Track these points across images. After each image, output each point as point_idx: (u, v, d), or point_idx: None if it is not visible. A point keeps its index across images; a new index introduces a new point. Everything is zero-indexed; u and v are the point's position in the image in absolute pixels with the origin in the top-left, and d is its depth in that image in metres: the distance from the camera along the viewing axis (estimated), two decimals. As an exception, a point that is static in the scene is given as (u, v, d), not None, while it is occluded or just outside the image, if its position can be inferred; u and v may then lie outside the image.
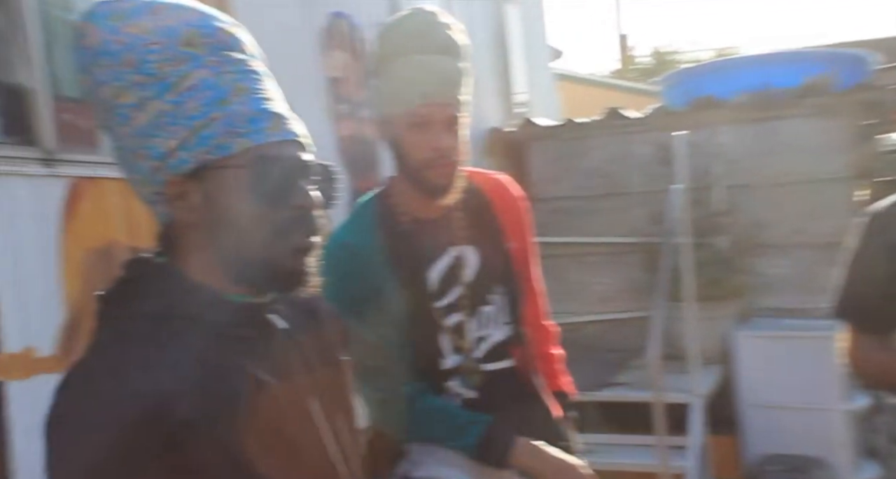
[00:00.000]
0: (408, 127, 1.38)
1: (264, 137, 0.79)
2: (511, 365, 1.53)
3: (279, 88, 0.86)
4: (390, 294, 1.41)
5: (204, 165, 0.78)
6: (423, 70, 1.37)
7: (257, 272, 0.80)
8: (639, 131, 4.31)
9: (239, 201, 0.78)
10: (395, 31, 1.43)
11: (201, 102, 0.78)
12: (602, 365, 3.82)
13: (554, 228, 4.48)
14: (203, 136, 0.78)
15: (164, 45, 0.78)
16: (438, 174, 1.39)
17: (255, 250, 0.79)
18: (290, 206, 0.80)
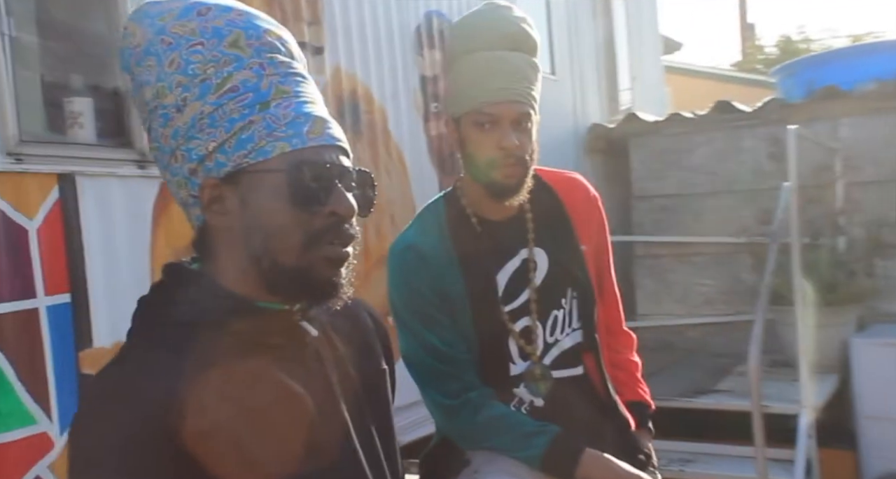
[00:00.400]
0: (474, 126, 1.35)
1: (303, 141, 0.77)
2: (582, 372, 1.47)
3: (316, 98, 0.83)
4: (458, 297, 1.39)
5: (241, 169, 0.76)
6: (489, 67, 1.33)
7: (290, 280, 0.78)
8: (750, 125, 4.09)
9: (274, 207, 0.76)
10: (464, 28, 1.40)
11: (242, 104, 0.76)
12: (704, 370, 3.66)
13: (656, 226, 4.34)
14: (242, 139, 0.76)
15: (209, 46, 0.76)
16: (505, 175, 1.35)
17: (289, 257, 0.77)
18: (326, 213, 0.78)
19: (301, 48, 2.41)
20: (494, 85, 1.33)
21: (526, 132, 1.36)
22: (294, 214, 0.76)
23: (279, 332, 0.81)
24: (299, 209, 0.76)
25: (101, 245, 1.65)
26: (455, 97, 1.39)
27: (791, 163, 3.01)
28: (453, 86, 1.40)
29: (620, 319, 1.63)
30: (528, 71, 1.36)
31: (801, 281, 2.98)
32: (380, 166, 2.65)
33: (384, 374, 0.95)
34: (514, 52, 1.35)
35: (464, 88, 1.36)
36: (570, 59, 4.55)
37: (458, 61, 1.38)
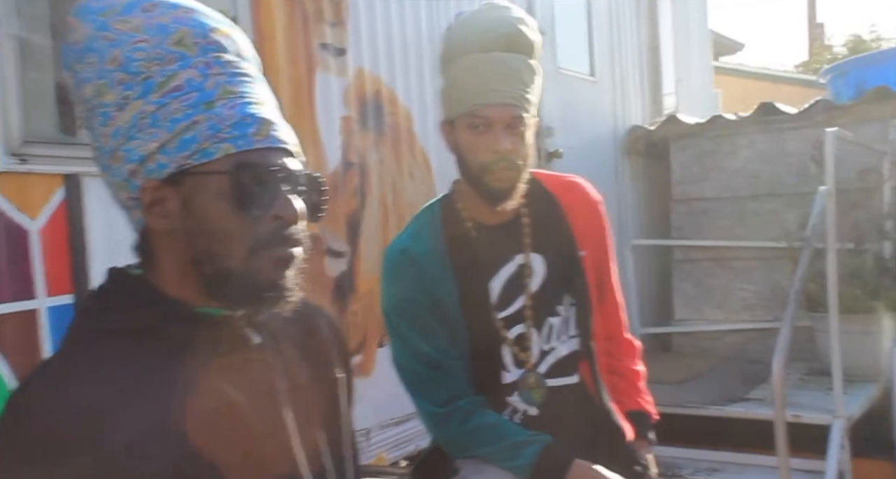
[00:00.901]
0: (467, 128, 1.33)
1: (249, 143, 0.75)
2: (577, 381, 1.45)
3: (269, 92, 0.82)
4: (450, 303, 1.37)
5: (184, 171, 0.74)
6: (484, 68, 1.31)
7: (234, 285, 0.75)
8: (794, 128, 3.99)
9: (218, 210, 0.74)
10: (461, 29, 1.37)
11: (186, 103, 0.74)
12: (739, 378, 3.58)
13: (695, 230, 4.26)
14: (185, 139, 0.74)
15: (153, 43, 0.74)
16: (498, 179, 1.33)
17: (234, 261, 0.74)
18: (271, 216, 0.75)
19: (322, 50, 2.46)
20: (488, 87, 1.30)
21: (520, 135, 1.33)
22: (238, 217, 0.74)
23: (219, 339, 0.78)
24: (244, 213, 0.74)
25: (105, 247, 1.67)
26: (449, 99, 1.38)
27: (829, 166, 2.93)
28: (448, 87, 1.38)
29: (622, 325, 1.59)
30: (523, 73, 1.33)
31: (837, 288, 2.89)
32: (403, 169, 2.69)
33: (339, 383, 0.93)
34: (510, 54, 1.32)
35: (458, 89, 1.34)
36: (612, 61, 4.51)
37: (453, 62, 1.36)
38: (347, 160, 2.44)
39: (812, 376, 3.48)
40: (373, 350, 2.57)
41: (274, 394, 0.81)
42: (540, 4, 3.68)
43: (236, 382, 0.78)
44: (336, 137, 2.39)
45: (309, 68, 2.29)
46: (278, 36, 2.16)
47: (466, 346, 1.38)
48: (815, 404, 3.02)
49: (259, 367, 0.81)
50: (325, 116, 2.34)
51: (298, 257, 0.79)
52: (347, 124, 2.44)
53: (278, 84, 2.16)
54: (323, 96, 2.34)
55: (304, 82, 2.27)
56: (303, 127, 2.26)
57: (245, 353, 0.80)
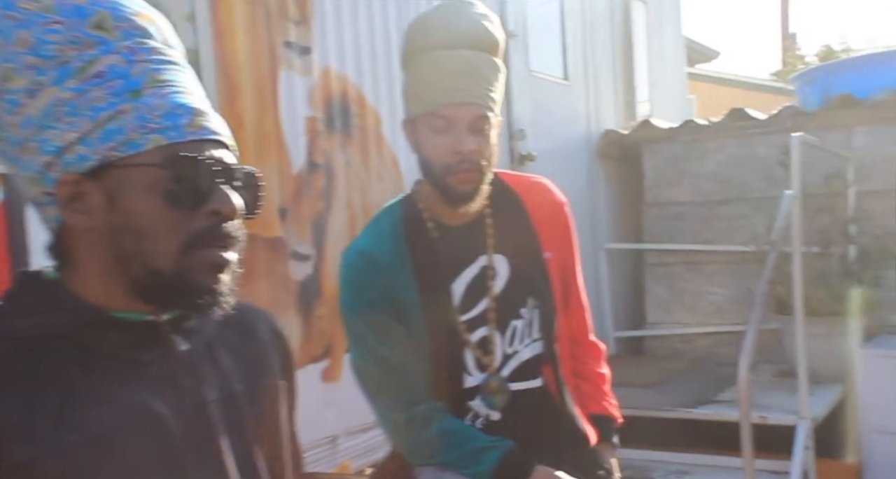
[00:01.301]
0: (430, 128, 1.30)
1: (181, 134, 0.70)
2: (540, 385, 1.42)
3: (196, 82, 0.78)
4: (411, 306, 1.34)
5: (108, 163, 0.69)
6: (447, 67, 1.27)
7: (164, 287, 0.70)
8: (764, 133, 4.03)
9: (149, 205, 0.69)
10: (423, 24, 1.34)
11: (109, 91, 0.69)
12: (710, 380, 3.60)
13: (668, 234, 4.29)
14: (109, 130, 0.68)
15: (69, 26, 0.68)
16: (461, 180, 1.30)
17: (164, 261, 0.70)
18: (207, 212, 0.71)
19: (286, 48, 2.44)
20: (451, 86, 1.27)
21: (483, 136, 1.30)
22: (171, 213, 0.70)
23: (141, 346, 0.73)
24: (178, 208, 0.70)
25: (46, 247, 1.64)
26: (411, 97, 1.35)
27: (795, 171, 2.96)
28: (410, 85, 1.35)
29: (587, 328, 1.57)
30: (487, 71, 1.31)
31: (803, 291, 2.92)
32: (371, 171, 2.67)
33: (279, 391, 0.87)
34: (473, 52, 1.29)
35: (420, 87, 1.32)
36: (585, 65, 4.53)
37: (415, 59, 1.33)
38: (313, 161, 2.42)
39: (780, 377, 3.51)
40: (340, 355, 2.55)
41: (203, 405, 0.76)
42: (513, 7, 3.69)
43: (160, 393, 0.73)
44: (301, 137, 2.37)
45: (272, 67, 2.26)
46: (239, 33, 2.13)
47: (427, 350, 1.36)
48: (781, 405, 3.04)
49: (186, 376, 0.76)
50: (290, 116, 2.32)
51: (234, 259, 0.74)
52: (313, 125, 2.42)
53: (239, 83, 2.13)
54: (287, 96, 2.31)
55: (267, 81, 2.24)
56: (266, 127, 2.23)
57: (171, 361, 0.75)
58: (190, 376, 0.76)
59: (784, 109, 4.08)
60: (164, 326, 0.75)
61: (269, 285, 2.23)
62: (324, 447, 2.44)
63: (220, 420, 0.77)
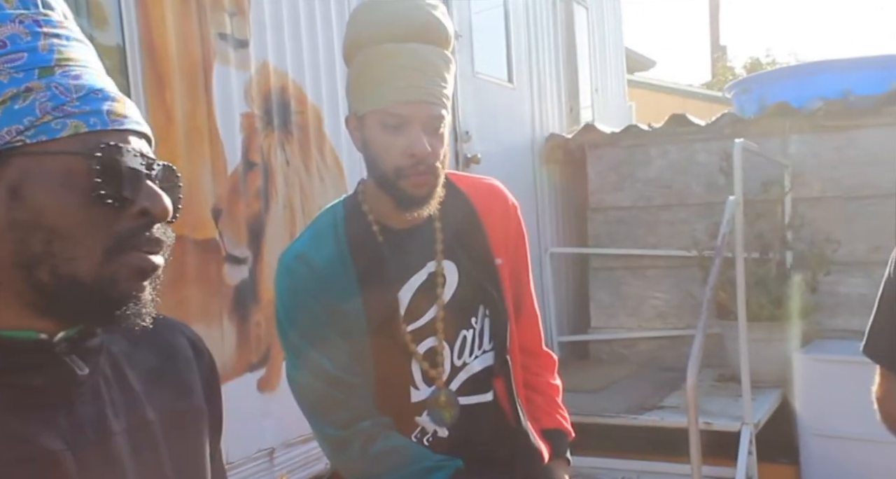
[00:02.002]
0: (381, 128, 1.20)
1: (103, 122, 0.62)
2: (491, 399, 1.34)
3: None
4: (353, 314, 1.24)
5: (11, 149, 0.59)
6: (399, 62, 1.18)
7: (80, 298, 0.61)
8: (703, 139, 4.08)
9: (67, 201, 0.60)
10: (371, 13, 1.23)
11: (14, 65, 0.59)
12: (654, 385, 3.61)
13: (611, 239, 4.30)
14: (15, 110, 0.59)
15: None
16: (414, 184, 1.20)
17: (83, 266, 0.60)
18: (136, 211, 0.62)
19: (221, 40, 2.30)
20: (404, 82, 1.18)
21: (438, 136, 1.22)
22: (94, 211, 0.60)
23: (30, 369, 0.63)
24: (102, 206, 0.61)
25: None
26: (358, 92, 1.24)
27: (737, 176, 2.99)
28: (357, 79, 1.24)
29: (539, 338, 1.50)
30: (441, 67, 1.22)
31: (746, 296, 2.94)
32: (312, 171, 2.55)
33: (201, 415, 0.77)
34: (426, 45, 1.21)
35: (369, 82, 1.21)
36: (529, 68, 4.51)
37: (362, 52, 1.22)
38: (249, 160, 2.29)
39: (722, 382, 3.55)
40: (277, 364, 2.43)
41: (106, 437, 0.66)
42: (458, 8, 3.63)
43: (53, 424, 0.63)
44: (237, 135, 2.24)
45: (205, 60, 2.13)
46: (169, 23, 1.99)
47: (371, 362, 1.26)
48: (725, 411, 3.06)
49: (86, 404, 0.66)
50: (225, 112, 2.19)
51: (160, 265, 0.65)
52: (249, 122, 2.29)
53: (169, 75, 2.00)
54: (222, 91, 2.18)
55: (200, 75, 2.11)
56: (199, 124, 2.10)
57: (67, 386, 0.65)
58: (91, 405, 0.66)
59: (723, 116, 4.14)
60: (59, 345, 0.64)
61: (202, 290, 2.10)
62: (260, 460, 2.33)
63: (128, 454, 0.67)
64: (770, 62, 17.53)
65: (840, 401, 3.10)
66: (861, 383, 3.08)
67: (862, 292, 3.61)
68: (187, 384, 0.77)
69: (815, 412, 3.18)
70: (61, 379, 0.64)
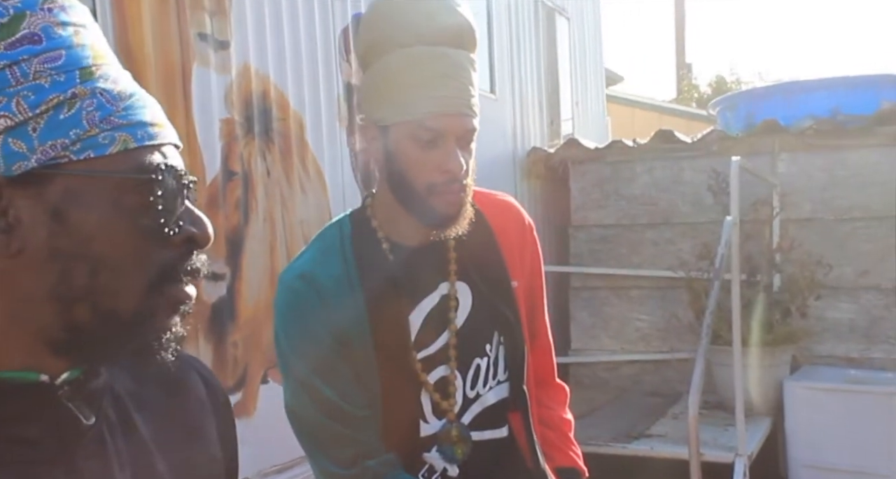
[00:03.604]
0: (412, 141, 1.09)
1: (149, 135, 0.54)
2: (507, 435, 1.24)
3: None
4: (360, 340, 1.14)
5: (53, 166, 0.50)
6: (432, 68, 1.07)
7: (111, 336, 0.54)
8: (690, 157, 4.01)
9: (115, 227, 0.52)
10: (394, 14, 1.10)
11: (53, 65, 0.50)
12: (638, 411, 3.50)
13: (594, 257, 4.20)
14: (60, 120, 0.50)
15: None
16: (447, 202, 1.11)
17: (128, 300, 0.53)
18: (183, 238, 0.55)
19: (201, 40, 2.13)
20: (439, 92, 1.07)
21: (469, 151, 1.13)
22: (142, 239, 0.53)
23: (27, 418, 0.55)
24: (153, 233, 0.53)
25: None
26: (382, 100, 1.11)
27: (734, 196, 2.89)
28: (380, 85, 1.12)
29: (553, 369, 1.40)
30: (472, 74, 1.12)
31: (738, 320, 2.85)
32: (294, 181, 2.39)
33: (216, 465, 0.69)
34: (457, 50, 1.10)
35: (397, 90, 1.09)
36: (512, 80, 4.41)
37: (386, 56, 1.10)
38: (229, 169, 2.12)
39: (708, 409, 3.45)
40: (255, 387, 2.26)
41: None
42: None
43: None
44: (216, 142, 2.07)
45: (184, 61, 1.96)
46: (146, 20, 1.83)
47: (378, 392, 1.16)
48: (716, 440, 2.96)
49: (89, 457, 0.57)
50: (203, 117, 2.02)
51: (194, 296, 0.58)
52: (229, 128, 2.12)
53: (146, 77, 1.83)
54: (200, 94, 2.01)
55: (178, 77, 1.94)
56: (177, 129, 1.92)
57: (67, 437, 0.56)
58: (94, 457, 0.58)
59: (710, 133, 4.08)
60: (60, 389, 0.55)
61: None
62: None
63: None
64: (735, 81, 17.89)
65: (831, 431, 3.03)
66: (852, 413, 3.04)
67: (850, 318, 3.56)
68: (201, 429, 0.68)
69: (805, 442, 3.10)
70: (62, 429, 0.56)
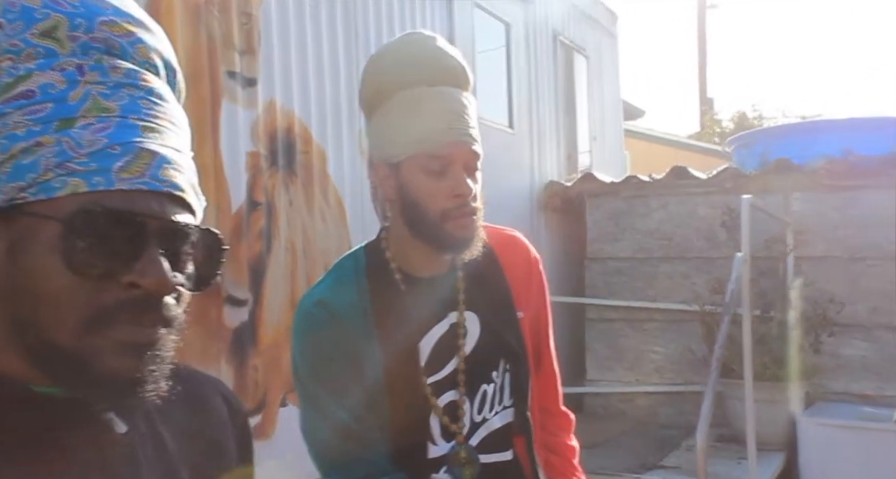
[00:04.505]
0: (422, 171, 1.17)
1: (108, 180, 0.56)
2: (511, 458, 1.29)
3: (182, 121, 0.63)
4: (373, 364, 1.19)
5: (15, 206, 0.56)
6: (436, 105, 1.17)
7: (63, 366, 0.57)
8: (704, 193, 4.07)
9: (47, 266, 0.55)
10: (393, 60, 1.21)
11: (33, 117, 0.56)
12: (652, 443, 3.51)
13: (609, 289, 4.24)
14: (21, 165, 0.55)
15: (11, 31, 0.57)
16: (460, 226, 1.17)
17: (63, 336, 0.56)
18: (125, 283, 0.57)
19: (230, 78, 2.24)
20: (444, 124, 1.16)
21: (476, 179, 1.20)
22: (73, 279, 0.56)
23: (67, 427, 0.60)
24: (80, 274, 0.56)
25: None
26: (392, 139, 1.20)
27: (744, 233, 2.94)
28: (389, 126, 1.21)
29: (558, 397, 1.45)
30: (471, 109, 1.21)
31: (749, 354, 2.87)
32: (315, 212, 2.49)
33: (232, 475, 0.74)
34: (455, 89, 1.19)
35: (403, 128, 1.18)
36: (529, 115, 4.51)
37: (392, 97, 1.19)
38: (253, 200, 2.22)
39: (722, 442, 3.45)
40: (274, 410, 2.33)
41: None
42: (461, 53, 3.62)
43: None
44: (242, 174, 2.18)
45: (213, 97, 2.08)
46: (179, 58, 1.94)
47: (388, 414, 1.20)
48: (729, 474, 2.97)
49: (122, 464, 0.63)
50: (230, 150, 2.13)
51: (156, 339, 0.58)
52: (255, 161, 2.23)
53: (179, 111, 1.94)
54: (228, 129, 2.12)
55: (208, 112, 2.05)
56: (204, 161, 2.04)
57: (103, 445, 0.61)
58: (126, 464, 0.63)
59: (725, 170, 4.14)
60: (96, 403, 0.60)
61: (199, 332, 2.01)
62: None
63: None
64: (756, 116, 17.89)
65: (844, 467, 3.02)
66: (865, 450, 3.03)
67: (863, 355, 3.56)
68: (221, 445, 0.73)
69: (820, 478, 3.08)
70: (98, 438, 0.61)
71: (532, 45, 4.61)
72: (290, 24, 2.41)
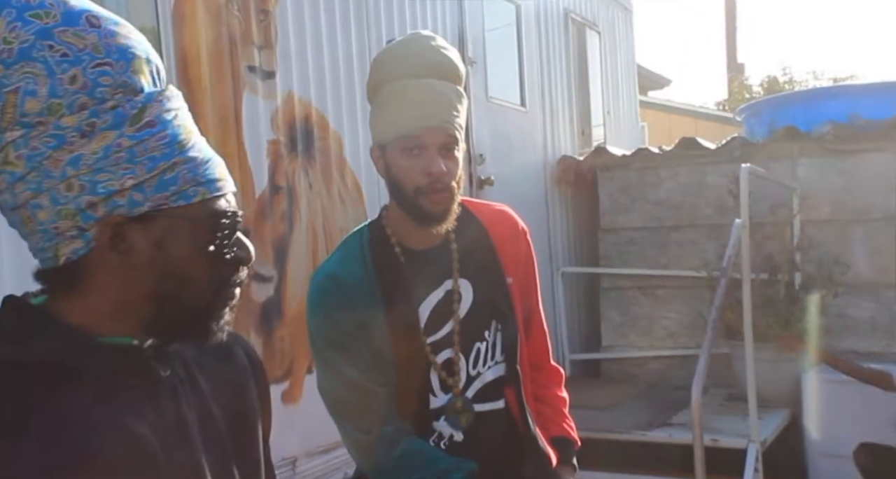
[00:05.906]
0: (401, 152, 1.33)
1: (217, 188, 0.75)
2: (503, 406, 1.46)
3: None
4: (378, 328, 1.36)
5: (158, 211, 0.72)
6: (417, 94, 1.33)
7: (191, 321, 0.76)
8: (713, 162, 4.17)
9: (192, 253, 0.74)
10: (390, 56, 1.39)
11: (163, 142, 0.71)
12: (663, 403, 3.67)
13: (622, 259, 4.38)
14: (164, 180, 0.71)
15: (118, 70, 0.69)
16: (433, 201, 1.33)
17: (199, 301, 0.76)
18: (234, 260, 0.77)
19: (250, 72, 2.43)
20: (422, 111, 1.32)
21: (453, 159, 1.35)
22: (209, 261, 0.75)
23: (125, 369, 0.75)
24: (214, 257, 0.75)
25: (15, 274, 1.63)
26: (381, 124, 1.38)
27: (743, 200, 3.06)
28: (379, 113, 1.39)
29: (547, 354, 1.61)
30: (454, 100, 1.36)
31: (752, 316, 3.01)
32: (333, 194, 2.67)
33: (255, 413, 0.90)
34: (440, 81, 1.35)
35: (390, 114, 1.35)
36: (542, 92, 4.62)
37: (383, 88, 1.36)
38: (275, 184, 2.41)
39: (730, 401, 3.61)
40: (300, 377, 2.53)
41: (183, 426, 0.78)
42: (472, 35, 3.76)
43: (142, 414, 0.75)
44: (264, 160, 2.37)
45: (236, 90, 2.26)
46: (203, 57, 2.14)
47: (393, 371, 1.38)
48: (732, 428, 3.12)
49: (167, 398, 0.78)
50: (253, 139, 2.32)
51: (238, 296, 0.81)
52: (276, 148, 2.42)
53: (203, 106, 2.13)
54: (250, 119, 2.31)
55: (231, 105, 2.24)
56: (229, 150, 2.23)
57: (152, 384, 0.77)
58: (170, 399, 0.78)
59: (732, 140, 4.23)
60: (146, 351, 0.77)
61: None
62: (284, 468, 2.43)
63: (199, 440, 0.79)
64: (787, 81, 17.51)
65: (849, 421, 3.15)
66: (869, 405, 3.15)
67: (871, 315, 3.67)
68: (244, 387, 0.90)
69: (824, 432, 3.23)
70: (149, 378, 0.77)
71: (542, 23, 4.71)
72: (305, 19, 2.59)
